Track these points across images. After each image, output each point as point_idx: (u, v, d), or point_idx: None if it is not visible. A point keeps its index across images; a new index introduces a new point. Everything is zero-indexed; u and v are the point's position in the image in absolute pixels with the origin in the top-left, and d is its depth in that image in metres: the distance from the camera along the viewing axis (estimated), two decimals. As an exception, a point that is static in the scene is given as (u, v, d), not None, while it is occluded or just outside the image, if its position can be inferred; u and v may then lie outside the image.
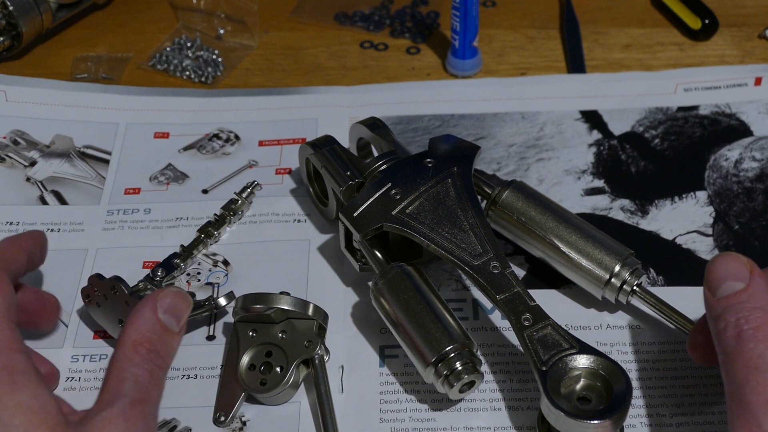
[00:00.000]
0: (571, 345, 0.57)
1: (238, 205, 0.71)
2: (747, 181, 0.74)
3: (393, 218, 0.63)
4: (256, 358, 0.61)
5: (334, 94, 0.84)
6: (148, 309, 0.53)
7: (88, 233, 0.72)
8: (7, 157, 0.78)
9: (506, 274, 0.60)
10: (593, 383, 0.56)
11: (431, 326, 0.58)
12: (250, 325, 0.62)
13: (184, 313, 0.55)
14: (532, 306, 0.59)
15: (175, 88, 0.85)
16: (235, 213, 0.71)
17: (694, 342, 0.58)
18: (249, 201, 0.72)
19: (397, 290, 0.60)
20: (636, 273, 0.63)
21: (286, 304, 0.60)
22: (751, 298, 0.51)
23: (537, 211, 0.65)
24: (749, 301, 0.51)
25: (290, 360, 0.60)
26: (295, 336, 0.61)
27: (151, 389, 0.51)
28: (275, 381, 0.60)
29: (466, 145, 0.68)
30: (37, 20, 0.86)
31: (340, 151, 0.69)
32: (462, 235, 0.62)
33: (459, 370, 0.57)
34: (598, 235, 0.64)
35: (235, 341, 0.62)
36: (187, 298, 0.56)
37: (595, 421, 0.53)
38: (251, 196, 0.73)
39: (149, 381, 0.51)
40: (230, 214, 0.71)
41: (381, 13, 0.93)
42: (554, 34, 0.91)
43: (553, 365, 0.56)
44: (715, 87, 0.82)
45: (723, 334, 0.51)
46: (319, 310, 0.62)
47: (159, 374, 0.52)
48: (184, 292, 0.56)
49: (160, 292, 0.55)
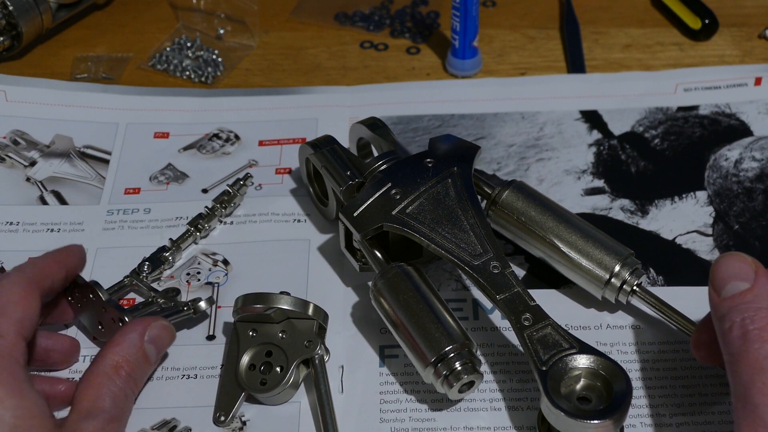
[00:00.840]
0: (571, 345, 0.57)
1: (230, 197, 0.71)
2: (747, 181, 0.74)
3: (393, 218, 0.63)
4: (256, 357, 0.61)
5: (334, 94, 0.84)
6: (137, 335, 0.57)
7: (88, 233, 0.72)
8: (7, 157, 0.78)
9: (506, 274, 0.60)
10: (593, 383, 0.56)
11: (431, 326, 0.58)
12: (250, 324, 0.62)
13: (166, 347, 0.60)
14: (532, 306, 0.59)
15: (175, 88, 0.85)
16: (226, 206, 0.71)
17: (698, 341, 0.57)
18: (242, 194, 0.72)
19: (396, 290, 0.60)
20: (636, 273, 0.63)
21: (286, 304, 0.60)
22: (757, 298, 0.51)
23: (537, 211, 0.65)
24: (754, 301, 0.51)
25: (290, 360, 0.60)
26: (295, 336, 0.61)
27: (124, 409, 0.55)
28: (275, 381, 0.60)
29: (466, 145, 0.68)
30: (37, 20, 0.86)
31: (340, 151, 0.69)
32: (462, 235, 0.62)
33: (458, 370, 0.57)
34: (597, 234, 0.64)
35: (235, 341, 0.62)
36: (172, 332, 0.60)
37: (596, 420, 0.53)
38: (243, 189, 0.72)
39: (124, 402, 0.55)
40: (221, 207, 0.71)
41: (381, 13, 0.93)
42: (554, 34, 0.91)
43: (553, 365, 0.56)
44: (715, 87, 0.82)
45: (728, 334, 0.50)
46: (319, 310, 0.62)
47: (131, 398, 0.57)
48: (172, 327, 0.60)
49: (150, 320, 0.59)
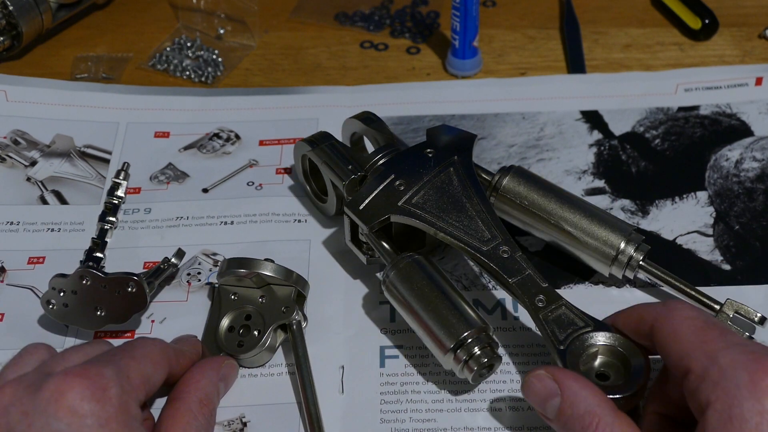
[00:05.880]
0: (586, 323, 0.57)
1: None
2: (747, 181, 0.74)
3: (400, 209, 0.63)
4: (236, 320, 0.63)
5: (334, 94, 0.84)
6: (214, 372, 0.59)
7: (89, 233, 0.72)
8: (8, 157, 0.78)
9: (516, 257, 0.61)
10: (611, 360, 0.56)
11: (447, 313, 0.58)
12: (232, 288, 0.64)
13: (232, 384, 0.62)
14: (544, 287, 0.59)
15: (176, 87, 0.85)
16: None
17: None
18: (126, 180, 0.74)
19: (410, 280, 0.60)
20: (641, 248, 0.63)
21: (267, 270, 0.62)
22: (572, 406, 0.52)
23: (539, 194, 0.66)
24: (573, 412, 0.52)
25: (267, 324, 0.62)
26: (273, 301, 0.63)
27: None
28: (252, 343, 0.62)
29: (463, 134, 0.69)
30: (37, 20, 0.86)
31: (339, 146, 0.69)
32: (469, 222, 0.63)
33: (478, 354, 0.57)
34: (600, 213, 0.65)
35: (217, 304, 0.64)
36: (237, 371, 0.62)
37: (616, 395, 0.53)
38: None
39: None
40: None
41: (381, 13, 0.93)
42: (554, 34, 0.91)
43: (570, 344, 0.56)
44: (715, 87, 0.82)
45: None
46: (300, 278, 0.63)
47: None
48: (237, 365, 0.62)
49: (224, 359, 0.61)
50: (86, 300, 0.63)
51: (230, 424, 0.60)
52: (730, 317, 0.61)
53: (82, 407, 0.49)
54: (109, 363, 0.53)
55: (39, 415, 0.49)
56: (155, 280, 0.66)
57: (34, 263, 0.70)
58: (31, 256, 0.70)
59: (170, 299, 0.67)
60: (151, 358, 0.56)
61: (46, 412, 0.49)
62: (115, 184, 0.73)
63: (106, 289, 0.62)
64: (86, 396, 0.50)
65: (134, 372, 0.54)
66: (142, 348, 0.56)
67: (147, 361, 0.55)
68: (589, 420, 0.51)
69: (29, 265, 0.69)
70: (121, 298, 0.62)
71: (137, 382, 0.53)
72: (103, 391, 0.50)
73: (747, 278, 0.67)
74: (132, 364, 0.54)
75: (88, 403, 0.50)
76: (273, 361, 0.63)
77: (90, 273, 0.62)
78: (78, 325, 0.64)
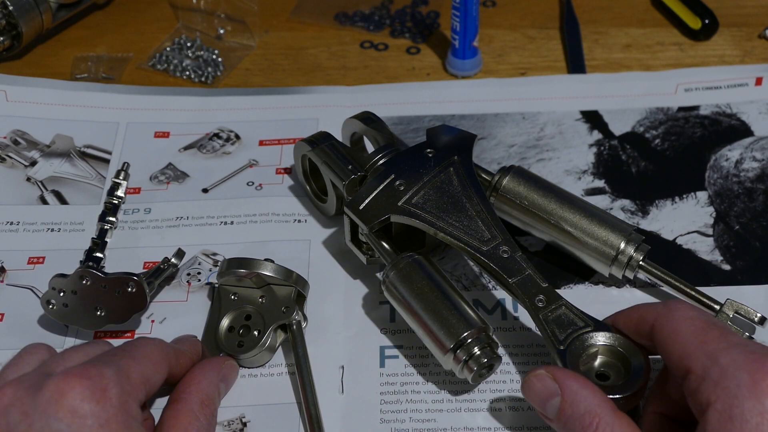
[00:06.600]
0: (586, 323, 0.57)
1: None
2: (747, 181, 0.74)
3: (400, 209, 0.64)
4: (236, 320, 0.63)
5: (335, 94, 0.84)
6: (215, 373, 0.59)
7: (89, 233, 0.72)
8: (8, 157, 0.78)
9: (516, 257, 0.61)
10: (611, 360, 0.56)
11: (447, 313, 0.59)
12: (232, 288, 0.64)
13: (232, 385, 0.62)
14: (544, 287, 0.60)
15: (176, 87, 0.85)
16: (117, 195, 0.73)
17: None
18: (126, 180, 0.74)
19: (410, 280, 0.60)
20: (641, 248, 0.63)
21: (267, 270, 0.62)
22: (572, 406, 0.52)
23: (539, 195, 0.66)
24: (573, 412, 0.52)
25: (267, 324, 0.62)
26: (273, 301, 0.63)
27: None
28: (252, 343, 0.62)
29: (463, 134, 0.69)
30: (37, 20, 0.86)
31: (339, 146, 0.69)
32: (469, 222, 0.63)
33: (478, 354, 0.57)
34: (600, 213, 0.65)
35: (217, 304, 0.64)
36: (237, 372, 0.62)
37: (615, 396, 0.54)
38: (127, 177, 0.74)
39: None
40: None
41: (381, 13, 0.93)
42: (554, 34, 0.91)
43: (570, 343, 0.57)
44: (715, 87, 0.82)
45: None
46: (300, 278, 0.63)
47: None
48: (237, 366, 0.62)
49: (225, 360, 0.61)
50: (86, 300, 0.63)
51: (230, 424, 0.60)
52: (730, 317, 0.61)
53: (83, 407, 0.49)
54: (109, 363, 0.52)
55: (39, 416, 0.49)
56: (155, 280, 0.66)
57: (34, 263, 0.70)
58: (31, 256, 0.70)
59: (170, 299, 0.67)
60: (151, 359, 0.56)
61: (47, 412, 0.49)
62: (115, 184, 0.73)
63: (106, 289, 0.62)
64: (86, 396, 0.50)
65: (134, 372, 0.53)
66: (142, 348, 0.56)
67: (147, 361, 0.55)
68: (589, 420, 0.51)
69: (29, 265, 0.70)
70: (121, 298, 0.62)
71: (137, 382, 0.53)
72: (103, 391, 0.50)
73: (747, 278, 0.67)
74: (132, 365, 0.54)
75: (89, 403, 0.50)
76: (273, 361, 0.63)
77: (90, 273, 0.62)
78: (78, 325, 0.64)
